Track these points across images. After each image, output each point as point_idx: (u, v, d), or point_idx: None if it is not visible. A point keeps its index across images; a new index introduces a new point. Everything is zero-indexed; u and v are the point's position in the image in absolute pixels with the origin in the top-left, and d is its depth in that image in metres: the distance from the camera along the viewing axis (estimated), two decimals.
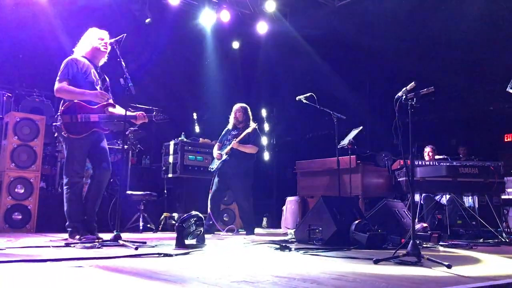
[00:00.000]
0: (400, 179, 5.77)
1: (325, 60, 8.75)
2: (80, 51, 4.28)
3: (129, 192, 6.36)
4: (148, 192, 6.50)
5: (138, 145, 7.25)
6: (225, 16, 8.89)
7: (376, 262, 2.83)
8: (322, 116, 7.44)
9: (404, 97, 3.22)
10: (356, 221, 4.22)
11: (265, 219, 8.66)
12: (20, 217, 5.33)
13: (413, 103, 3.19)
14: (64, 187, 4.10)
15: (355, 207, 4.77)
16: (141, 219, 6.29)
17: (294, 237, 4.85)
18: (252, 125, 6.04)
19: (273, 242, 4.41)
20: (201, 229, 3.82)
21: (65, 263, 2.49)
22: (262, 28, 9.29)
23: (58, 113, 4.10)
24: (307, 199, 6.50)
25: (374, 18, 8.01)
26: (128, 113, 4.18)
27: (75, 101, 4.03)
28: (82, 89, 4.06)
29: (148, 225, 6.46)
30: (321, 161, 6.22)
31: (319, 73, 8.72)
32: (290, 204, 7.13)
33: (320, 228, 4.41)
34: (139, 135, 7.24)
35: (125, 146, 6.94)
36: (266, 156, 9.54)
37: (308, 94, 5.54)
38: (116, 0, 8.27)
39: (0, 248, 3.15)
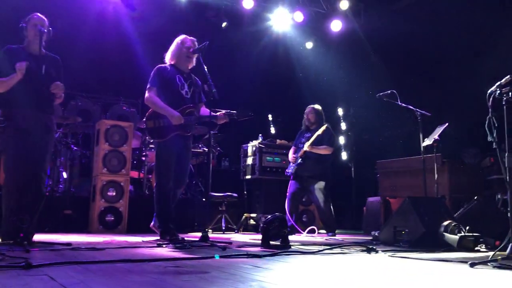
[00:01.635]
0: (492, 177, 5.45)
1: (403, 56, 8.46)
2: (168, 59, 4.49)
3: (211, 193, 6.54)
4: (229, 194, 6.67)
5: (218, 148, 7.46)
6: (299, 16, 8.88)
7: (472, 265, 2.70)
8: (402, 114, 7.21)
9: (498, 91, 3.05)
10: (446, 222, 4.05)
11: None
12: (113, 218, 5.67)
13: (509, 97, 3.01)
14: (154, 189, 4.32)
15: (443, 207, 4.56)
16: (223, 220, 6.46)
17: (378, 238, 4.74)
18: (323, 127, 5.98)
19: (358, 243, 4.34)
20: (286, 230, 3.84)
21: (163, 263, 2.61)
22: (335, 26, 9.18)
23: (144, 119, 4.35)
24: (389, 200, 6.32)
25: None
26: (204, 109, 4.42)
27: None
28: (167, 94, 4.28)
29: (230, 226, 6.62)
30: (404, 160, 6.02)
31: (396, 69, 8.45)
32: (371, 205, 6.97)
33: (407, 230, 4.27)
34: (218, 138, 7.45)
35: (206, 149, 7.17)
36: (344, 155, 9.40)
37: (388, 92, 5.39)
38: (193, 7, 8.55)
39: (101, 248, 3.37)
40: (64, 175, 6.53)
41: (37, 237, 3.74)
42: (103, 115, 7.51)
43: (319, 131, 5.92)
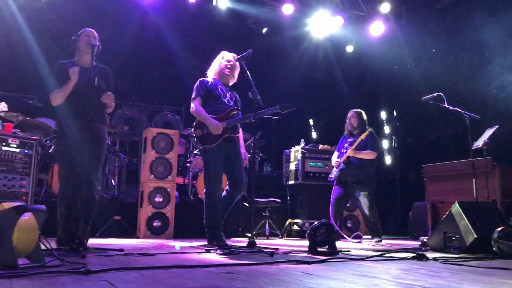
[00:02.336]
0: None
1: (448, 56, 8.25)
2: (210, 73, 4.68)
3: (254, 199, 6.57)
4: (272, 199, 6.68)
5: (260, 153, 7.50)
6: (339, 20, 8.84)
7: None
8: (447, 116, 7.03)
9: None
10: (499, 228, 3.91)
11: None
12: (160, 224, 5.80)
13: None
14: (204, 196, 4.40)
15: (496, 212, 4.42)
16: (266, 225, 6.48)
17: (427, 244, 4.64)
18: (367, 130, 5.91)
19: (407, 250, 4.27)
20: (333, 236, 3.82)
21: (214, 269, 2.65)
22: (376, 29, 9.07)
23: (192, 129, 4.49)
24: (437, 205, 6.16)
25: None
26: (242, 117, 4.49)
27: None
28: (211, 103, 4.45)
29: (273, 231, 6.64)
30: (452, 164, 5.86)
31: (440, 70, 8.25)
32: (418, 210, 6.82)
33: (457, 236, 4.16)
34: (260, 143, 7.49)
35: (248, 155, 7.23)
36: (388, 160, 9.24)
37: (435, 94, 5.27)
38: (233, 15, 8.66)
39: (152, 254, 3.45)
40: (113, 182, 6.73)
41: (90, 242, 3.87)
42: (148, 123, 7.70)
43: (362, 136, 5.85)
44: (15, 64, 7.23)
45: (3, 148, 5.17)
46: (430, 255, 3.74)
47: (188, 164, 6.90)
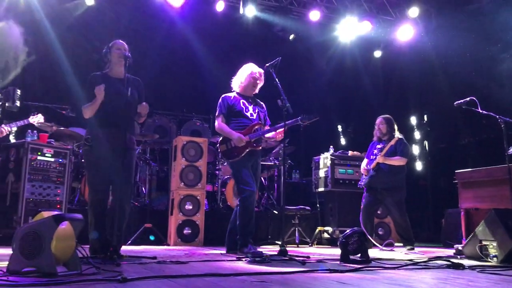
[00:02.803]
0: None
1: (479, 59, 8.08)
2: (235, 85, 4.76)
3: (286, 207, 6.55)
4: (302, 206, 6.65)
5: (288, 160, 7.48)
6: (367, 25, 8.77)
7: None
8: (479, 120, 6.87)
9: None
10: None
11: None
12: (190, 231, 5.85)
13: None
14: (239, 202, 4.44)
15: None
16: (296, 233, 6.45)
17: (462, 252, 4.53)
18: (396, 136, 5.83)
19: (441, 258, 4.18)
20: (365, 244, 3.77)
21: (247, 277, 2.66)
22: (405, 33, 8.97)
23: (217, 145, 4.69)
24: (471, 212, 6.01)
25: None
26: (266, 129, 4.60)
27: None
28: (234, 118, 4.58)
29: (303, 239, 6.60)
30: (487, 170, 5.70)
31: (471, 74, 8.08)
32: (451, 217, 6.67)
33: (494, 244, 4.05)
34: (288, 150, 7.47)
35: (277, 162, 7.23)
36: (419, 166, 9.09)
37: (468, 99, 5.16)
38: (260, 22, 8.72)
39: (184, 261, 3.48)
40: (144, 190, 6.83)
41: (122, 249, 3.92)
42: (178, 131, 7.80)
43: (392, 142, 5.77)
44: (49, 76, 7.45)
45: (39, 157, 5.33)
46: (466, 263, 3.65)
47: (217, 172, 6.95)
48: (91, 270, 2.70)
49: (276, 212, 6.87)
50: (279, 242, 5.21)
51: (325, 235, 6.87)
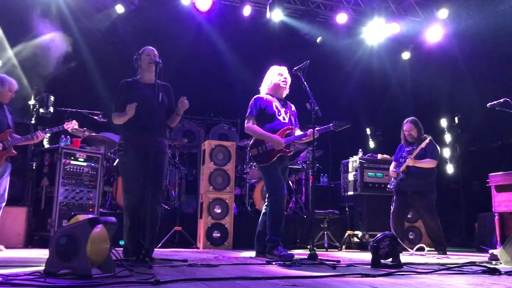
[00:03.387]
0: None
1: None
2: (263, 89, 4.73)
3: (316, 210, 6.52)
4: (331, 210, 6.61)
5: (316, 164, 7.44)
6: (395, 27, 8.68)
7: None
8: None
9: None
10: None
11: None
12: (219, 235, 5.88)
13: None
14: (271, 204, 4.42)
15: None
16: (325, 237, 6.41)
17: (497, 257, 4.40)
18: (427, 138, 5.73)
19: (475, 263, 4.08)
20: (397, 249, 3.72)
21: (278, 281, 2.65)
22: (434, 34, 8.83)
23: (248, 149, 4.57)
24: (506, 216, 5.85)
25: None
26: (298, 132, 4.57)
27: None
28: (266, 121, 4.52)
29: (332, 243, 6.55)
30: None
31: (504, 74, 7.89)
32: (484, 221, 6.51)
33: None
34: (316, 154, 7.44)
35: (305, 166, 7.20)
36: (450, 168, 8.90)
37: (501, 100, 5.04)
38: (287, 26, 8.73)
39: (215, 264, 3.51)
40: (173, 193, 6.91)
41: (154, 253, 3.97)
42: (206, 136, 7.86)
43: (423, 145, 5.68)
44: (81, 82, 7.64)
45: (72, 162, 5.46)
46: (502, 269, 3.55)
47: (245, 176, 6.97)
48: (124, 273, 2.74)
49: (305, 216, 6.84)
50: (309, 246, 5.18)
51: (355, 239, 6.81)
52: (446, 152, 8.94)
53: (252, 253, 4.67)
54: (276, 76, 4.63)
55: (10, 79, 4.94)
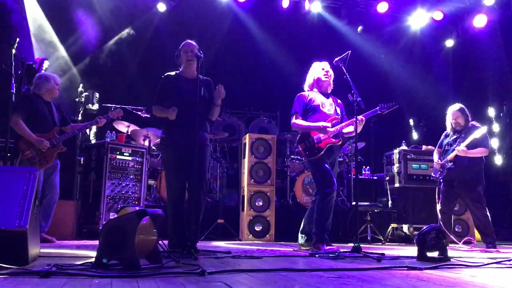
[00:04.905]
0: None
1: None
2: (306, 86, 4.71)
3: (355, 203, 6.46)
4: (374, 203, 6.53)
5: (358, 156, 7.35)
6: (438, 15, 8.42)
7: None
8: None
9: None
10: None
11: None
12: (261, 227, 5.92)
13: None
14: (319, 198, 4.40)
15: None
16: (368, 230, 6.33)
17: None
18: (482, 129, 5.47)
19: None
20: (444, 242, 3.63)
21: (322, 273, 2.65)
22: (480, 21, 8.51)
23: (296, 144, 4.66)
24: None
25: None
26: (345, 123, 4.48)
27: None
28: (311, 115, 4.48)
29: (375, 236, 6.46)
30: None
31: None
32: None
33: None
34: (358, 146, 7.34)
35: (346, 158, 7.13)
36: (498, 160, 8.58)
37: None
38: (326, 18, 8.63)
39: (258, 256, 3.53)
40: (216, 186, 7.00)
41: (198, 245, 4.05)
42: (246, 129, 7.91)
43: (477, 135, 5.41)
44: (125, 78, 7.84)
45: (118, 156, 5.61)
46: None
47: (286, 169, 6.97)
48: (171, 264, 2.81)
49: (347, 208, 6.77)
50: (353, 239, 5.13)
51: (399, 232, 6.68)
52: (495, 143, 8.61)
53: (295, 246, 4.67)
54: (318, 71, 4.61)
55: (51, 74, 5.13)
